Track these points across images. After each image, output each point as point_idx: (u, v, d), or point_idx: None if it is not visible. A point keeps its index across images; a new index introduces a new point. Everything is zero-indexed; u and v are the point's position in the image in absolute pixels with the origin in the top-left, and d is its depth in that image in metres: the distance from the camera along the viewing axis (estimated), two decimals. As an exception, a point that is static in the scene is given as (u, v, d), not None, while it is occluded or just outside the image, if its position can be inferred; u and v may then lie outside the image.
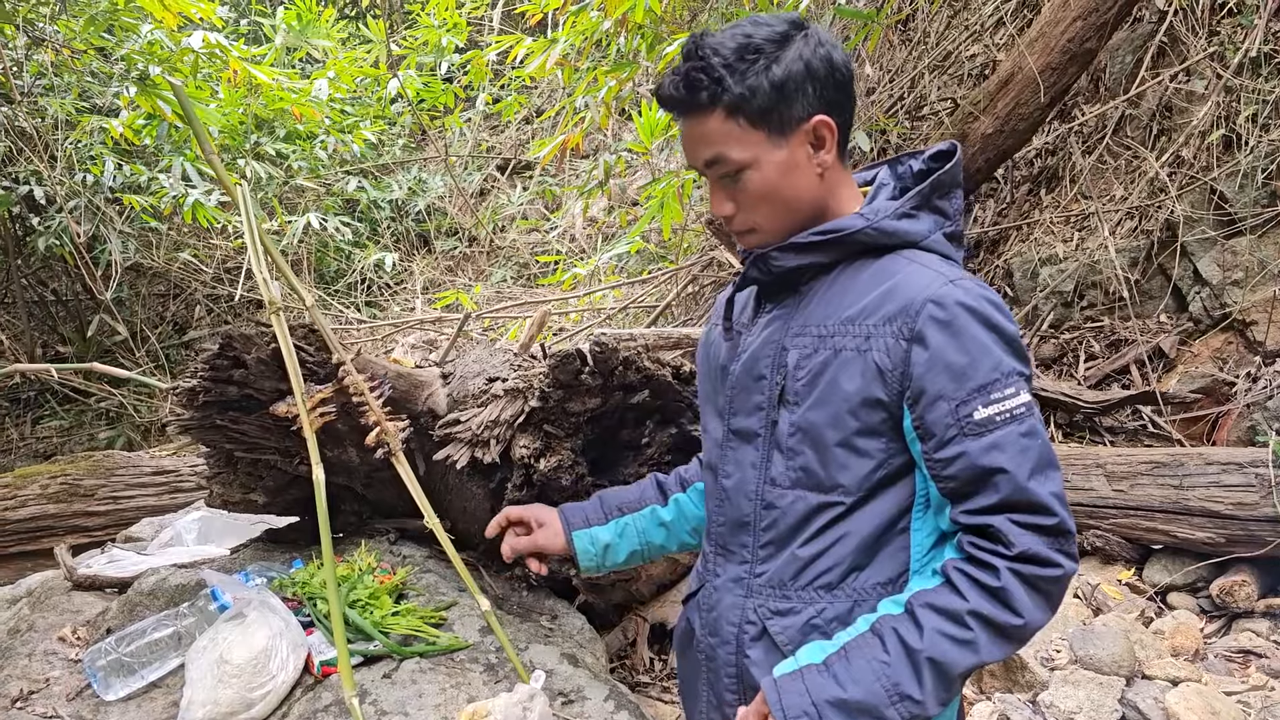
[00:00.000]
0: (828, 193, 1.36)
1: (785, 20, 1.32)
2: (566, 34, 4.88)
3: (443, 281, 7.40)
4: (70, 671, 2.37)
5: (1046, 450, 1.23)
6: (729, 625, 1.41)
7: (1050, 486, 1.21)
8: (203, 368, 2.21)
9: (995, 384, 1.21)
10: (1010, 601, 1.20)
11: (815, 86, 1.30)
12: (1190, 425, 4.05)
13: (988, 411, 1.21)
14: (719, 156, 1.32)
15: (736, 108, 1.29)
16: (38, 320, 7.44)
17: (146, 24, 5.48)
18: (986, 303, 1.24)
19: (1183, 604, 3.56)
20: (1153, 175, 4.50)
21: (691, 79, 1.29)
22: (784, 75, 1.28)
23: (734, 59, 1.28)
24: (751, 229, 1.39)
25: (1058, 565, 1.20)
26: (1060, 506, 1.21)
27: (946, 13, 5.61)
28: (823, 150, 1.33)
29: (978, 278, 1.34)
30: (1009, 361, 1.23)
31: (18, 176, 5.78)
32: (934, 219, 1.36)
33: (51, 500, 4.18)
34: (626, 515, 1.64)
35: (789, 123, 1.30)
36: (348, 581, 2.29)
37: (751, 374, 1.38)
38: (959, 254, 1.39)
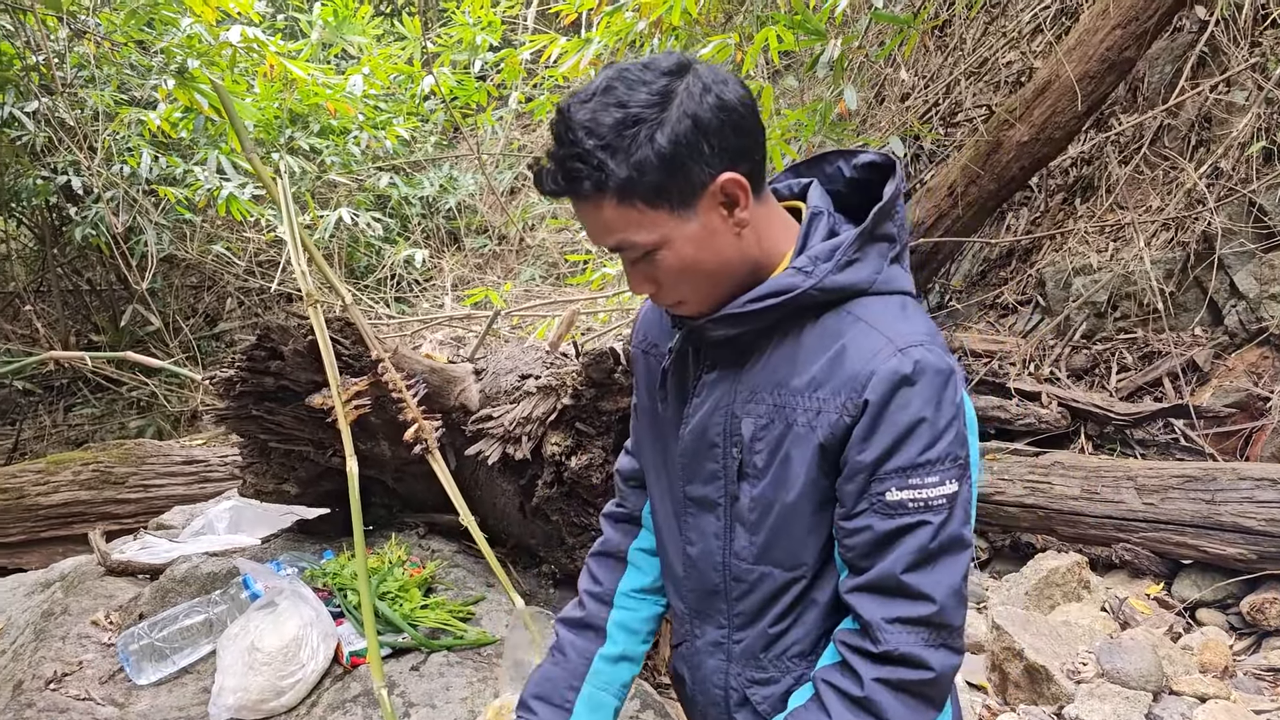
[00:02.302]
0: (755, 244, 1.22)
1: (663, 70, 1.13)
2: (600, 34, 4.89)
3: (472, 279, 7.44)
4: (103, 655, 2.40)
5: (953, 539, 1.16)
6: (715, 689, 1.39)
7: (939, 576, 1.15)
8: (240, 358, 2.24)
9: (919, 469, 1.14)
10: (877, 711, 1.16)
11: (711, 143, 1.13)
12: (1223, 440, 4.01)
13: (901, 495, 1.15)
14: (623, 243, 1.18)
15: (628, 191, 1.13)
16: (72, 309, 7.53)
17: (186, 18, 5.54)
18: (935, 377, 1.15)
19: (1212, 620, 3.52)
20: (1190, 186, 4.46)
21: (569, 169, 1.13)
22: (672, 142, 1.11)
23: (611, 137, 1.11)
24: (680, 301, 1.25)
25: (928, 667, 1.15)
26: (946, 596, 1.15)
27: (984, 19, 5.58)
28: (738, 208, 1.17)
29: (932, 331, 1.21)
30: (941, 446, 1.15)
31: (56, 167, 5.85)
32: (879, 252, 1.23)
33: (83, 487, 4.23)
34: (583, 688, 1.47)
35: (692, 191, 1.14)
36: (378, 574, 2.31)
37: (704, 440, 1.30)
38: (907, 269, 1.27)
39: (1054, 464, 3.85)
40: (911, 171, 5.65)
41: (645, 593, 1.52)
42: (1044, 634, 3.25)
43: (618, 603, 1.51)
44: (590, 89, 1.14)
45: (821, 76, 4.36)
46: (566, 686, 1.47)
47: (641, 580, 1.52)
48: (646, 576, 1.52)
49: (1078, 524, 3.73)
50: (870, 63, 5.69)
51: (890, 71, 5.79)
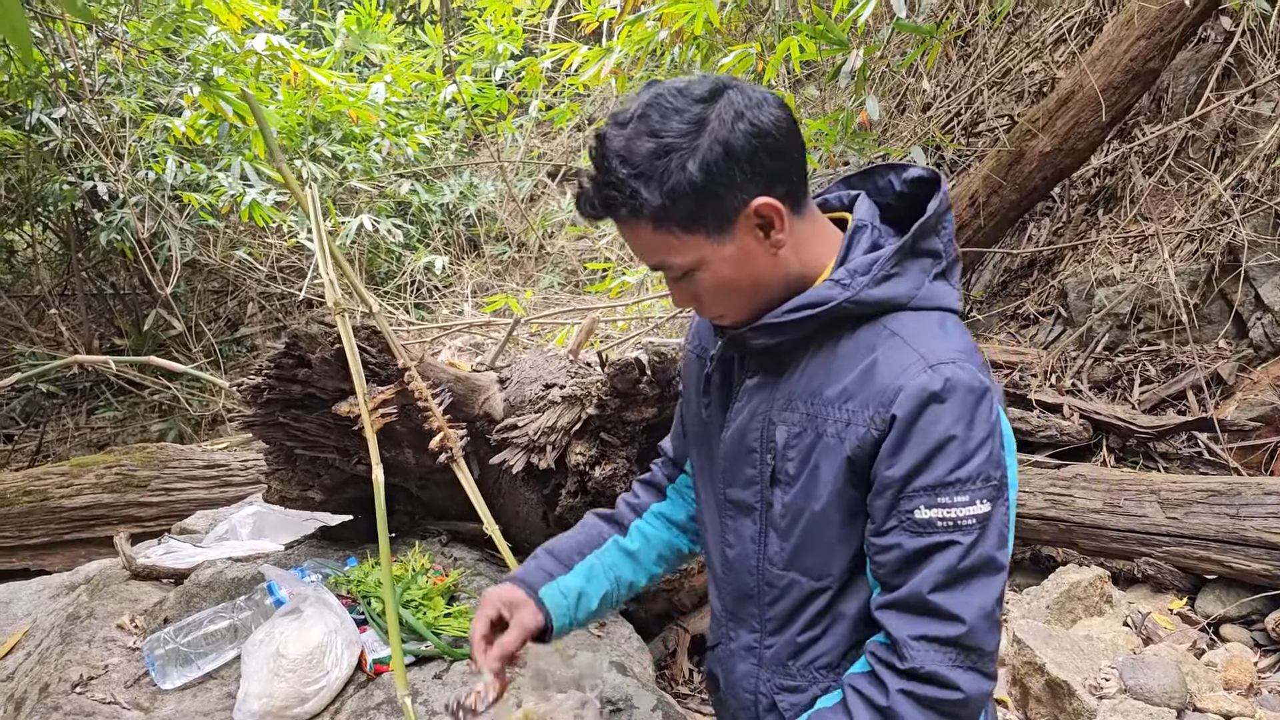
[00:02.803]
0: (795, 260, 1.23)
1: (696, 98, 1.15)
2: (621, 43, 4.90)
3: (491, 285, 7.46)
4: (128, 659, 2.42)
5: (984, 561, 1.15)
6: (745, 693, 1.41)
7: (970, 597, 1.15)
8: (268, 366, 2.25)
9: (948, 488, 1.14)
10: None
11: (744, 169, 1.14)
12: (1248, 454, 3.98)
13: (930, 514, 1.15)
14: (661, 264, 1.22)
15: (663, 217, 1.16)
16: (96, 313, 7.60)
17: (212, 26, 5.59)
18: (966, 395, 1.15)
19: (1236, 636, 3.49)
20: (1215, 198, 4.43)
21: (605, 196, 1.17)
22: (703, 170, 1.13)
23: (644, 165, 1.13)
24: (720, 315, 1.29)
25: (955, 688, 1.14)
26: (976, 618, 1.14)
27: (1006, 29, 5.56)
28: (774, 231, 1.19)
29: (969, 349, 1.21)
30: (972, 466, 1.14)
31: (82, 172, 5.91)
32: (921, 268, 1.24)
33: (106, 490, 4.27)
34: (589, 555, 1.52)
35: (727, 216, 1.17)
36: (401, 581, 2.32)
37: (743, 445, 1.32)
38: (955, 284, 1.28)
39: (1076, 476, 3.82)
40: (932, 181, 5.62)
41: (672, 522, 1.59)
42: (1066, 648, 3.23)
43: (646, 516, 1.58)
44: (626, 115, 1.17)
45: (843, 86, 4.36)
46: (575, 550, 1.52)
47: (674, 511, 1.59)
48: (679, 511, 1.59)
49: (1099, 537, 3.71)
50: (892, 72, 5.68)
51: (912, 81, 5.78)
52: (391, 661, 2.02)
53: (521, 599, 1.43)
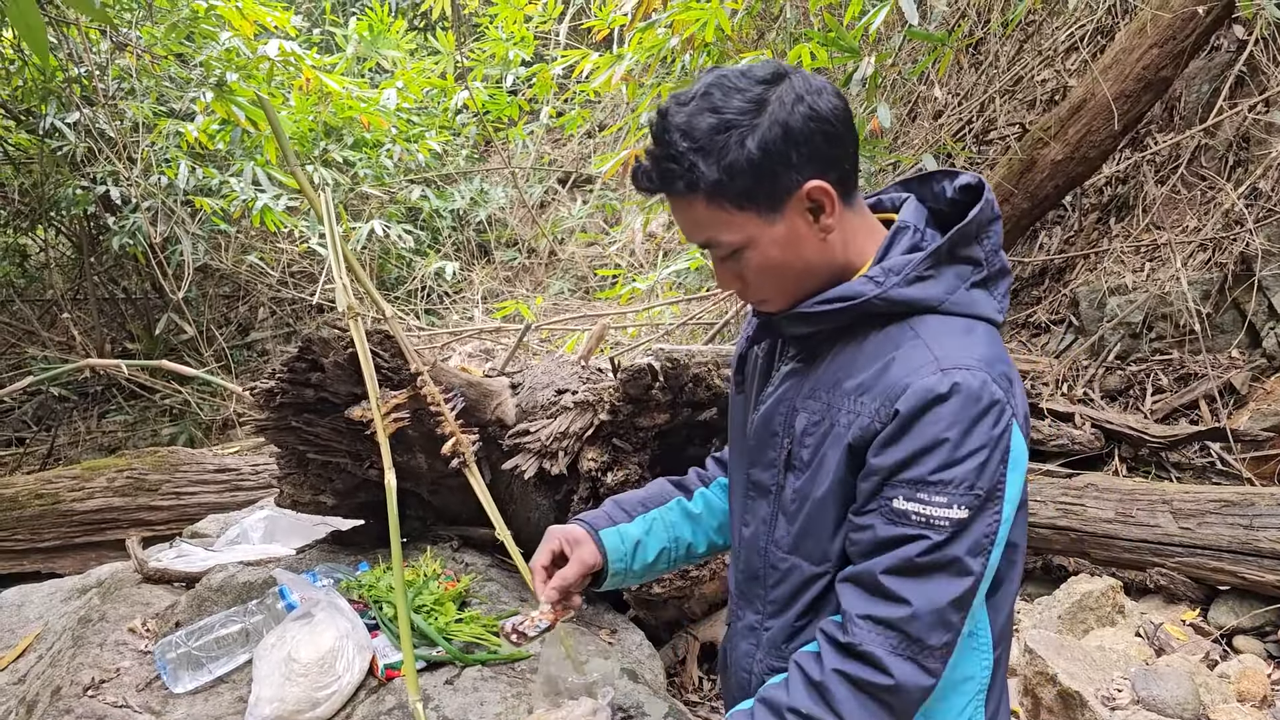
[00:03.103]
0: (841, 248, 1.26)
1: (758, 79, 1.19)
2: (632, 50, 4.91)
3: (501, 291, 7.47)
4: (140, 662, 2.42)
5: (948, 560, 1.16)
6: (742, 671, 1.44)
7: (924, 588, 1.15)
8: (281, 370, 2.26)
9: (929, 486, 1.15)
10: (829, 700, 1.17)
11: (800, 150, 1.17)
12: (1261, 464, 3.95)
13: (907, 506, 1.16)
14: (712, 240, 1.25)
15: (717, 192, 1.19)
16: (108, 317, 7.63)
17: (225, 32, 5.63)
18: (970, 402, 1.15)
19: (1249, 648, 3.46)
20: (1228, 207, 4.41)
21: (664, 169, 1.20)
22: (761, 148, 1.16)
23: (704, 140, 1.17)
24: (763, 299, 1.31)
25: (888, 673, 1.15)
26: (925, 608, 1.15)
27: (1018, 37, 5.55)
28: (824, 215, 1.22)
29: (992, 358, 1.21)
30: (959, 471, 1.15)
31: (95, 177, 5.95)
32: (957, 274, 1.25)
33: (117, 493, 4.28)
34: (652, 510, 1.56)
35: (779, 196, 1.19)
36: (413, 587, 2.32)
37: (768, 428, 1.35)
38: (997, 295, 1.28)
39: (1087, 486, 3.80)
40: (943, 189, 5.61)
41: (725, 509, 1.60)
42: (1078, 659, 3.21)
43: (712, 487, 1.62)
44: (690, 93, 1.20)
45: (855, 94, 4.36)
46: (639, 503, 1.56)
47: None
48: None
49: (1111, 547, 3.68)
50: (904, 80, 5.68)
51: (924, 89, 5.78)
52: (403, 666, 2.02)
53: (583, 537, 1.48)
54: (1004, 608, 1.31)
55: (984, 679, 1.30)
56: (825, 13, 4.24)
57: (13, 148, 6.76)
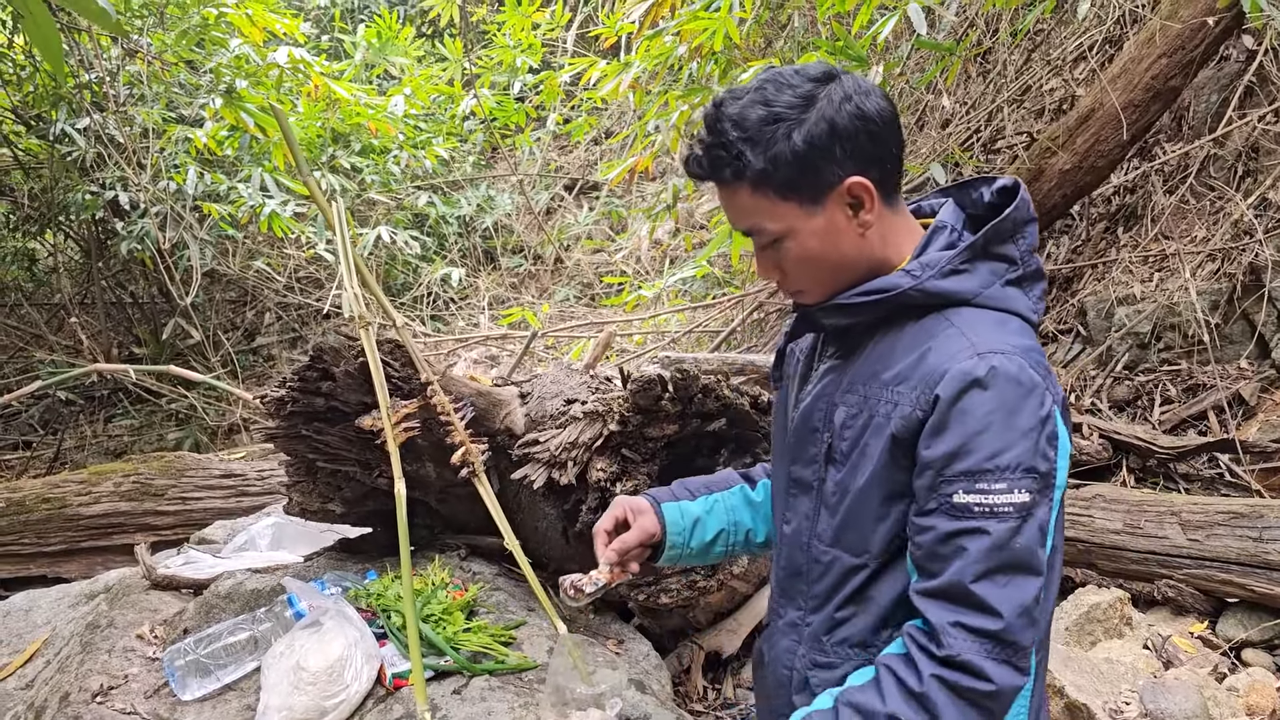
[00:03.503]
0: (879, 244, 1.30)
1: (810, 77, 1.25)
2: (640, 58, 4.92)
3: (507, 298, 7.48)
4: (148, 669, 2.42)
5: (1023, 556, 1.16)
6: (783, 669, 1.44)
7: (1009, 592, 1.16)
8: (292, 379, 2.26)
9: (986, 474, 1.16)
10: (931, 709, 1.17)
11: (844, 147, 1.23)
12: (1270, 476, 3.94)
13: (968, 499, 1.17)
14: (754, 228, 1.30)
15: (762, 181, 1.25)
16: (115, 321, 7.65)
17: (235, 39, 5.65)
18: (1010, 384, 1.17)
19: (1258, 661, 3.45)
20: (1237, 217, 4.40)
21: (714, 156, 1.26)
22: (807, 142, 1.22)
23: (754, 131, 1.23)
24: (800, 290, 1.36)
25: (988, 679, 1.15)
26: (1014, 614, 1.15)
27: (1026, 46, 5.55)
28: (863, 211, 1.27)
29: (1027, 347, 1.23)
30: (1013, 454, 1.16)
31: (104, 182, 5.96)
32: (991, 270, 1.29)
33: (124, 498, 4.28)
34: (715, 493, 1.62)
35: (821, 189, 1.25)
36: (421, 596, 2.32)
37: (808, 425, 1.39)
38: (1032, 296, 1.32)
39: (1095, 497, 3.79)
40: (951, 198, 5.61)
41: None
42: (1086, 671, 3.20)
43: None
44: (745, 88, 1.27)
45: (863, 103, 4.35)
46: (703, 485, 1.63)
47: None
48: None
49: (1119, 559, 3.67)
50: (912, 89, 5.68)
51: (932, 98, 5.78)
52: (411, 676, 2.02)
53: (646, 507, 1.55)
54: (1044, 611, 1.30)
55: (1028, 685, 1.29)
56: (833, 21, 4.24)
57: (23, 152, 6.79)
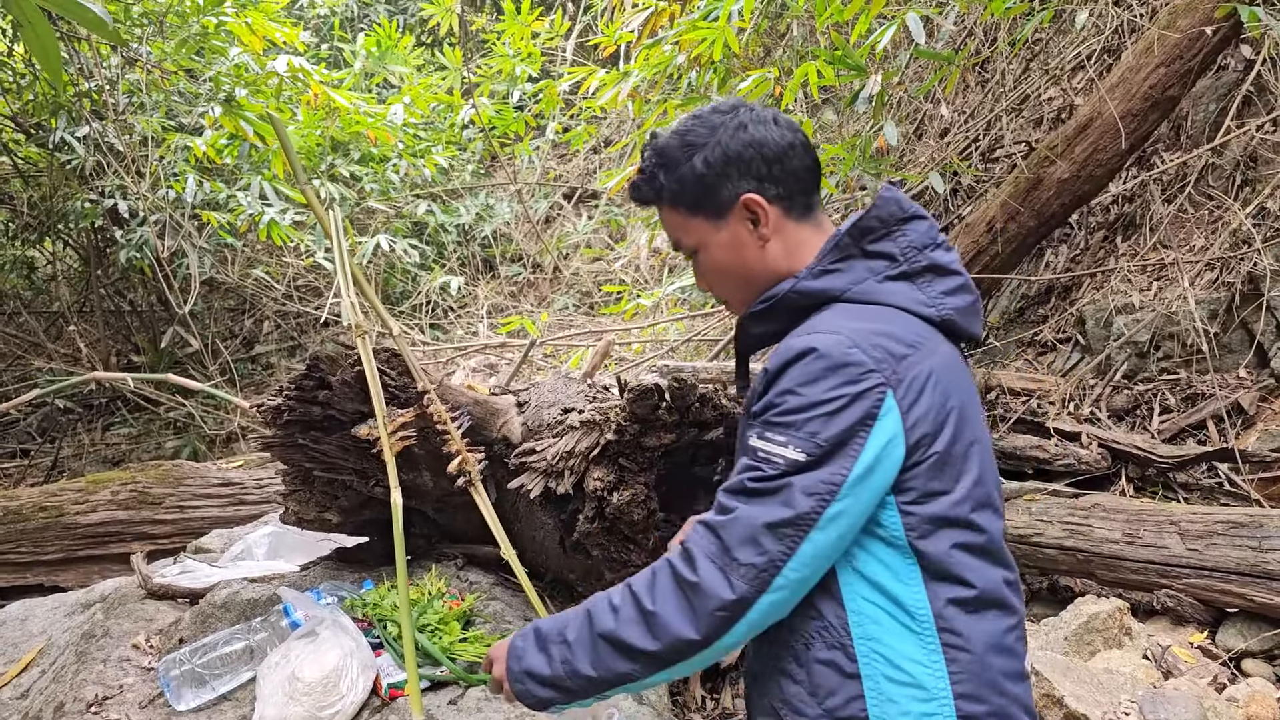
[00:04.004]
0: (783, 256, 1.46)
1: (718, 109, 1.46)
2: (639, 67, 4.93)
3: (506, 306, 7.48)
4: (143, 679, 2.41)
5: (775, 492, 1.26)
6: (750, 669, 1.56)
7: (746, 507, 1.27)
8: (289, 387, 2.25)
9: (774, 426, 1.29)
10: (654, 584, 1.31)
11: (739, 168, 1.43)
12: (1269, 485, 3.93)
13: (757, 443, 1.30)
14: (677, 242, 1.52)
15: (675, 200, 1.47)
16: (114, 329, 7.64)
17: (234, 48, 5.66)
18: (820, 359, 1.28)
19: (1258, 671, 3.43)
20: (1236, 226, 4.40)
21: (640, 180, 1.50)
22: (705, 164, 1.43)
23: (667, 157, 1.46)
24: (726, 300, 1.55)
25: (694, 569, 1.27)
26: (741, 521, 1.26)
27: (1025, 55, 5.56)
28: (760, 225, 1.44)
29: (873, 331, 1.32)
30: (799, 417, 1.27)
31: (104, 190, 5.96)
32: (868, 267, 1.40)
33: (121, 507, 4.27)
34: None
35: (722, 205, 1.44)
36: (417, 606, 2.31)
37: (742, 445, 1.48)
38: (929, 291, 1.40)
39: (1094, 506, 3.78)
40: (950, 207, 5.62)
41: None
42: (1085, 682, 3.18)
43: None
44: (673, 125, 1.51)
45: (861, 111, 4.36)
46: None
47: None
48: None
49: (1118, 568, 3.66)
50: (910, 98, 5.69)
51: (930, 107, 5.79)
52: (407, 686, 2.01)
53: None
54: (947, 591, 1.31)
55: (936, 666, 1.29)
56: (832, 31, 4.25)
57: (22, 161, 6.79)
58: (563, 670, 1.35)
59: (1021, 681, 1.36)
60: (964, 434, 1.34)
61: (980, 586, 1.32)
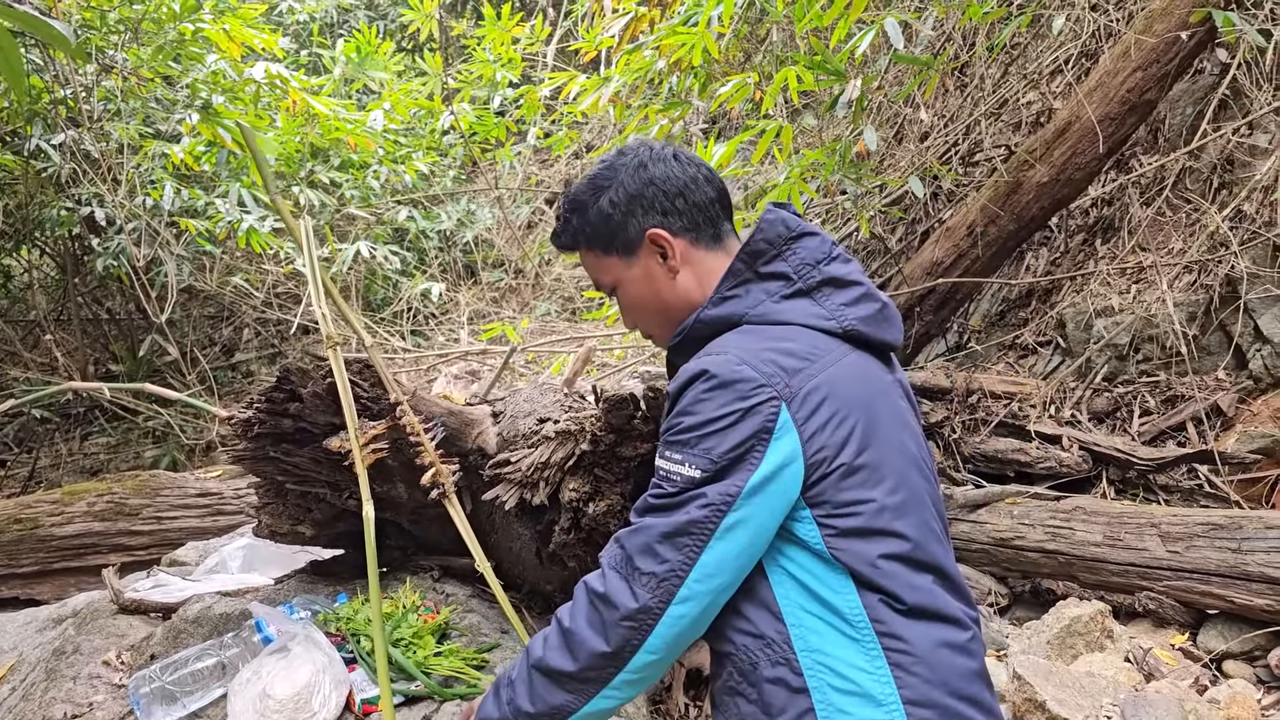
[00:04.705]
0: (694, 287, 1.50)
1: (621, 151, 1.53)
2: (619, 72, 4.92)
3: (488, 312, 7.45)
4: (113, 696, 2.38)
5: (672, 510, 1.30)
6: None
7: (648, 519, 1.31)
8: (259, 400, 2.22)
9: (671, 445, 1.33)
10: (574, 604, 1.36)
11: (641, 205, 1.48)
12: (1248, 487, 3.95)
13: (660, 463, 1.35)
14: (597, 282, 1.58)
15: (589, 242, 1.54)
16: (91, 338, 7.57)
17: (212, 54, 5.61)
18: (709, 380, 1.31)
19: (1239, 673, 3.44)
20: (1213, 229, 4.42)
21: (558, 228, 1.58)
22: (610, 204, 1.49)
23: (578, 202, 1.53)
24: (651, 335, 1.60)
25: (603, 581, 1.32)
26: (641, 535, 1.30)
27: (1003, 60, 5.58)
28: (669, 258, 1.49)
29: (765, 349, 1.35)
30: (693, 435, 1.30)
31: (80, 198, 5.90)
32: (764, 289, 1.43)
33: (97, 518, 4.22)
34: None
35: (632, 242, 1.50)
36: (391, 619, 2.28)
37: None
38: (828, 304, 1.42)
39: (1075, 509, 3.79)
40: (930, 211, 5.63)
41: None
42: (1067, 685, 3.18)
43: None
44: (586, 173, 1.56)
45: (841, 116, 4.37)
46: None
47: None
48: None
49: (1100, 571, 3.67)
50: (890, 103, 5.70)
51: (910, 112, 5.80)
52: (380, 702, 1.98)
53: None
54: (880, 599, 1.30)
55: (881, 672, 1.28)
56: (812, 36, 4.24)
57: (-3, 168, 6.72)
58: (509, 711, 1.37)
59: (975, 681, 1.34)
60: (875, 443, 1.34)
61: (911, 597, 1.31)
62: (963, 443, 4.37)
